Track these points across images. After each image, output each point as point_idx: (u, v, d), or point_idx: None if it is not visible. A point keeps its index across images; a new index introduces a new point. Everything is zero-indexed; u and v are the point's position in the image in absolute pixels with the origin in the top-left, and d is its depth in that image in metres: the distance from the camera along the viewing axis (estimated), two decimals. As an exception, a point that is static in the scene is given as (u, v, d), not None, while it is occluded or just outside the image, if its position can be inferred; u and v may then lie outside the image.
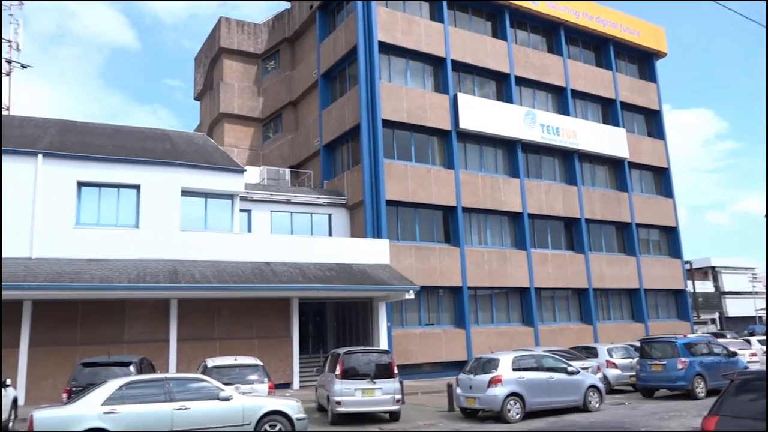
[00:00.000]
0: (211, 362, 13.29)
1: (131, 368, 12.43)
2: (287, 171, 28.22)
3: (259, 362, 13.67)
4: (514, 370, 13.84)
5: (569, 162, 30.78)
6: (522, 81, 30.10)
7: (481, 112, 27.47)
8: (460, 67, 28.23)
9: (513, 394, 13.49)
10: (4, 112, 32.53)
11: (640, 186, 34.31)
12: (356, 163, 25.46)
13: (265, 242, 20.93)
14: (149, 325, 18.88)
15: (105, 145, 20.58)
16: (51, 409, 9.80)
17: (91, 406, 9.55)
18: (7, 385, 12.94)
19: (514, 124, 28.32)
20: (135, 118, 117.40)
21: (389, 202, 24.22)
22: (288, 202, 24.40)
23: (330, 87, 28.93)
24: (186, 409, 9.95)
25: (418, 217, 25.64)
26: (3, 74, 34.29)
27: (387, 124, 25.10)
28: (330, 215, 25.32)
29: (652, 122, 36.17)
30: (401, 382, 14.15)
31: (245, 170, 21.96)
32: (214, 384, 10.59)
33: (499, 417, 13.42)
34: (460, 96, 27.07)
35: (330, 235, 24.94)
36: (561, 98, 31.68)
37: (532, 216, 28.58)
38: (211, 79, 36.29)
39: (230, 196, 21.27)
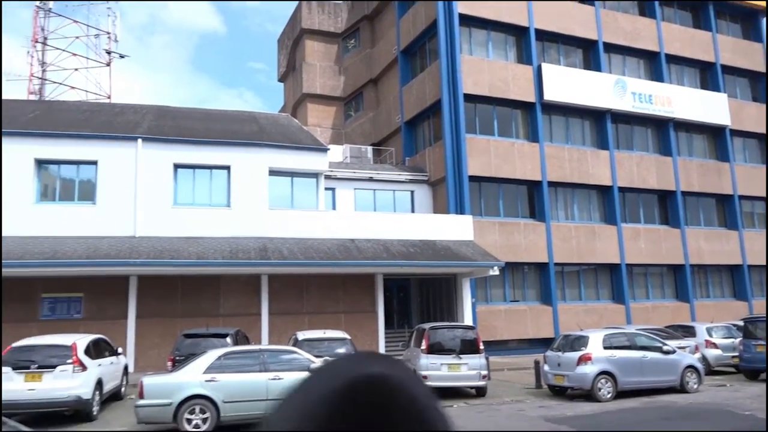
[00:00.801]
0: (301, 335, 13.77)
1: (228, 339, 13.12)
2: (369, 149, 28.46)
3: (347, 336, 14.02)
4: (605, 348, 13.44)
5: (663, 131, 29.10)
6: (611, 47, 28.62)
7: (567, 83, 26.44)
8: (544, 36, 27.22)
9: (604, 372, 13.13)
10: (105, 100, 34.78)
11: (744, 155, 31.91)
12: (438, 139, 25.29)
13: (349, 219, 21.30)
14: (242, 299, 19.80)
15: (197, 128, 21.56)
16: (158, 376, 10.55)
17: (193, 374, 10.18)
18: (119, 354, 14.03)
19: (602, 94, 27.06)
20: (222, 101, 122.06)
21: (472, 178, 23.93)
22: (371, 179, 24.64)
23: (410, 63, 28.76)
24: (280, 379, 10.40)
25: (502, 193, 25.19)
26: (104, 64, 36.47)
27: (468, 98, 24.68)
28: (412, 192, 25.35)
29: (758, 86, 33.41)
30: (487, 358, 14.10)
31: (329, 149, 22.36)
32: (305, 356, 10.99)
33: (589, 395, 13.12)
34: (545, 66, 26.14)
35: (413, 211, 25.01)
36: (654, 64, 29.88)
37: (622, 189, 27.35)
38: (294, 61, 37.00)
39: (315, 175, 21.74)
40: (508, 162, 24.79)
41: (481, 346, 14.00)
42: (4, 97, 27.86)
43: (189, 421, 9.94)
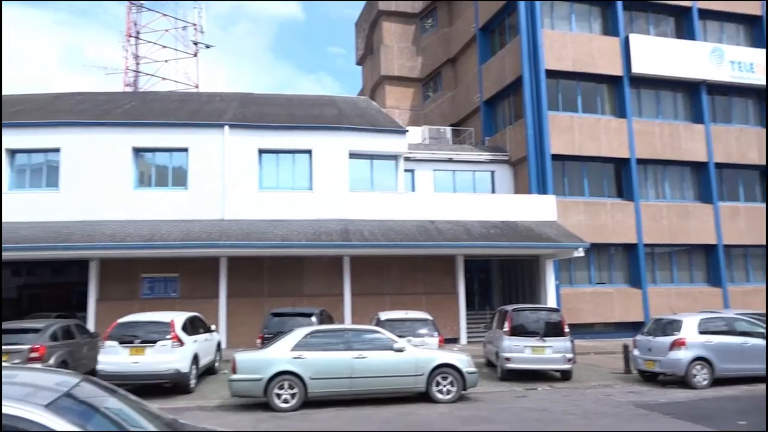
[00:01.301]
0: (383, 315, 13.97)
1: (313, 319, 13.53)
2: (448, 129, 28.21)
3: (429, 317, 14.10)
4: (700, 333, 12.77)
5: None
6: (707, 14, 26.75)
7: (657, 54, 25.00)
8: (631, 5, 25.81)
9: (699, 358, 12.49)
10: (193, 90, 36.33)
11: None
12: (518, 118, 24.68)
13: (429, 201, 21.29)
14: (325, 280, 20.30)
15: (280, 114, 22.14)
16: (249, 352, 11.05)
17: (282, 351, 10.58)
18: (213, 331, 14.81)
19: (697, 64, 25.41)
20: (302, 86, 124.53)
21: (555, 157, 23.23)
22: (450, 160, 24.46)
23: (489, 40, 28.13)
24: (364, 358, 10.63)
25: (587, 171, 24.30)
26: (191, 55, 38.02)
27: (550, 74, 23.88)
28: (492, 172, 24.96)
29: None
30: (572, 341, 13.77)
31: (407, 131, 22.36)
32: (388, 336, 11.15)
33: (682, 382, 12.55)
34: (633, 37, 24.82)
35: (493, 192, 24.64)
36: (755, 29, 27.67)
37: (719, 165, 25.68)
38: (371, 43, 37.10)
39: (394, 157, 21.82)
40: (593, 139, 23.86)
41: (566, 329, 13.68)
42: (104, 89, 29.72)
43: (278, 395, 10.36)
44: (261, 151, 20.50)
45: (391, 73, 33.26)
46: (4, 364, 10.25)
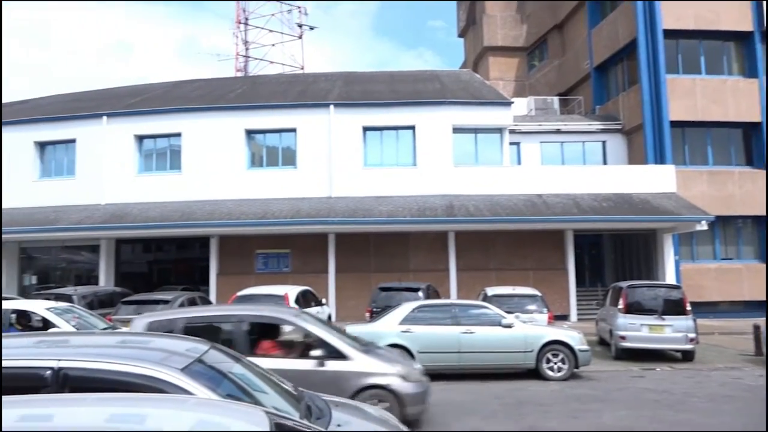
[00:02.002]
0: (490, 291, 13.82)
1: (420, 293, 13.66)
2: (555, 99, 27.10)
3: (537, 293, 13.76)
4: None
5: None
6: None
7: (795, 4, 22.41)
8: (765, -49, 23.24)
9: None
10: (299, 71, 37.39)
11: None
12: (633, 83, 23.18)
13: (536, 174, 20.65)
14: (430, 255, 20.38)
15: (383, 91, 22.28)
16: (359, 325, 11.36)
17: (390, 325, 10.79)
18: (324, 304, 15.38)
19: None
20: (403, 63, 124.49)
21: (674, 123, 21.64)
22: (558, 131, 23.53)
23: (599, 3, 26.52)
24: (471, 333, 10.59)
25: (710, 138, 22.45)
26: (297, 37, 39.03)
27: (668, 34, 22.14)
28: (604, 142, 23.73)
29: None
30: (695, 320, 12.91)
31: (512, 102, 21.73)
32: (496, 311, 11.02)
33: (825, 366, 11.41)
34: (766, -13, 22.40)
35: (605, 163, 23.46)
36: None
37: None
38: (473, 14, 36.23)
39: (499, 130, 21.32)
40: (719, 103, 21.95)
41: (688, 307, 12.84)
42: (216, 75, 31.36)
43: (388, 368, 10.58)
44: (365, 129, 20.77)
45: (495, 44, 32.35)
46: (138, 331, 11.24)
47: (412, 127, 20.69)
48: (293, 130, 20.77)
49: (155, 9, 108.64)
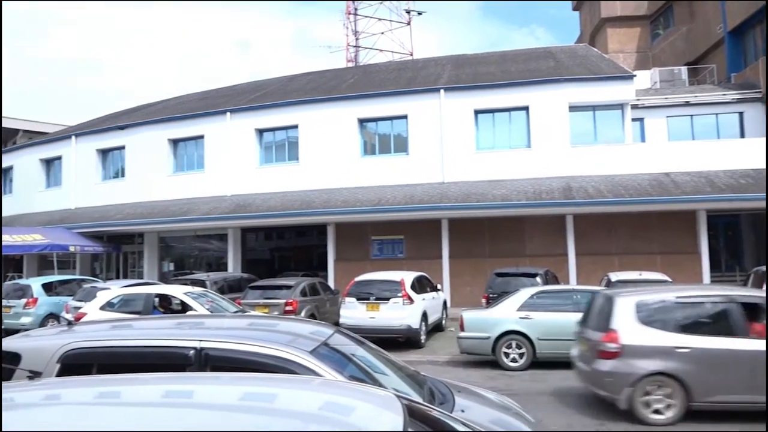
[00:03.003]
0: (614, 276, 13.14)
1: (538, 279, 13.27)
2: (683, 69, 25.05)
3: (667, 278, 12.90)
4: None
5: None
6: None
7: None
8: None
9: None
10: (408, 58, 37.48)
11: None
12: (775, 46, 20.90)
13: (662, 151, 19.26)
14: (547, 239, 19.71)
15: (494, 72, 21.77)
16: (476, 311, 11.26)
17: (508, 311, 10.59)
18: (439, 290, 15.40)
19: None
20: (514, 42, 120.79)
21: (827, 89, 19.27)
22: (686, 104, 21.76)
23: (734, -41, 24.10)
24: (595, 320, 10.11)
25: None
26: (405, 24, 39.15)
27: (820, -12, 19.69)
28: (741, 113, 21.62)
29: None
30: None
31: (634, 75, 20.37)
32: (622, 298, 10.43)
33: None
34: None
35: (742, 136, 21.38)
36: None
37: None
38: (588, -15, 34.32)
39: (620, 106, 20.09)
40: None
41: None
42: (329, 67, 32.21)
43: (506, 355, 10.42)
44: (477, 112, 20.42)
45: (613, 14, 30.47)
46: (266, 314, 11.89)
47: (526, 108, 20.04)
48: (404, 117, 20.86)
49: (269, 6, 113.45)
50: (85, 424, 1.83)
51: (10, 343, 4.00)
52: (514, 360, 10.39)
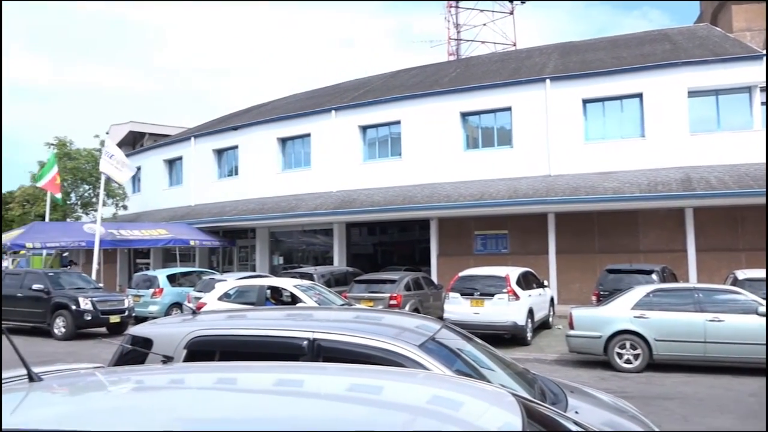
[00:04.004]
0: (742, 274, 12.10)
1: (653, 276, 12.53)
2: (823, 46, 22.53)
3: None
4: None
5: None
6: None
7: None
8: None
9: None
10: (511, 48, 36.60)
11: None
12: None
13: (798, 137, 17.46)
14: (663, 234, 18.54)
15: (603, 59, 20.75)
16: (586, 308, 10.81)
17: (621, 309, 10.07)
18: (545, 286, 14.95)
19: None
20: (623, 27, 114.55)
21: None
22: (827, 84, 19.55)
23: None
24: (720, 321, 9.41)
25: None
26: (507, 14, 38.29)
27: None
28: None
29: None
30: None
31: (765, 55, 18.61)
32: (751, 297, 9.63)
33: None
34: None
35: None
36: None
37: None
38: (710, -40, 31.77)
39: (747, 89, 18.44)
40: None
41: None
42: (430, 61, 32.10)
43: (620, 355, 9.92)
44: (585, 101, 19.56)
45: (739, -10, 28.00)
46: (370, 307, 12.11)
47: (639, 95, 18.91)
48: (508, 109, 20.40)
49: (371, 5, 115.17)
50: (204, 407, 1.93)
51: (142, 330, 4.35)
52: (628, 361, 9.87)
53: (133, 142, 37.76)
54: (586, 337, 10.20)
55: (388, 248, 26.92)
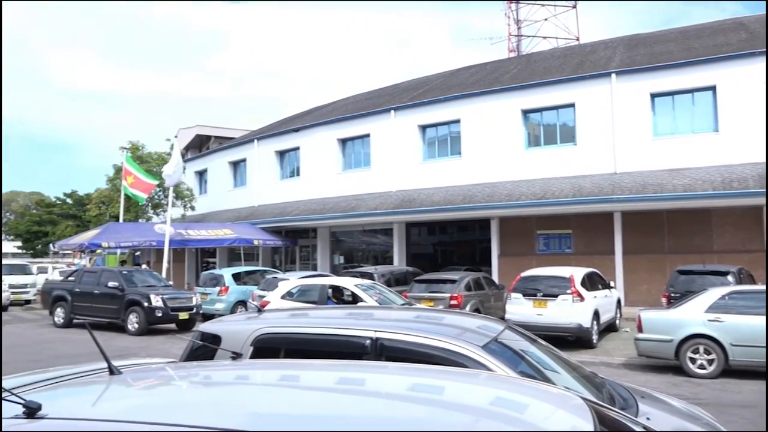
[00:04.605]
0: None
1: (729, 278, 11.93)
2: None
3: None
4: None
5: None
6: None
7: None
8: None
9: None
10: (574, 43, 35.68)
11: None
12: None
13: None
14: (740, 234, 17.60)
15: (673, 51, 19.93)
16: (656, 311, 10.41)
17: (694, 312, 9.63)
18: (612, 288, 14.50)
19: None
20: (692, 17, 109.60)
21: None
22: None
23: None
24: (803, 326, 8.84)
25: None
26: (570, 7, 37.39)
27: None
28: None
29: None
30: None
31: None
32: (839, 301, 8.99)
33: None
34: None
35: None
36: None
37: None
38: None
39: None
40: None
41: None
42: (490, 59, 31.74)
43: (693, 360, 9.49)
44: (653, 96, 18.80)
45: (822, -27, 26.29)
46: (430, 307, 12.07)
47: (712, 88, 18.02)
48: (571, 105, 19.88)
49: (425, 4, 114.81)
50: (269, 403, 1.98)
51: (211, 326, 4.50)
52: (701, 366, 9.43)
53: (200, 145, 39.11)
54: (656, 340, 9.81)
55: (448, 248, 26.79)
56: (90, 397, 2.16)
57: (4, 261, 32.03)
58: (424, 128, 23.09)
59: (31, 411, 1.73)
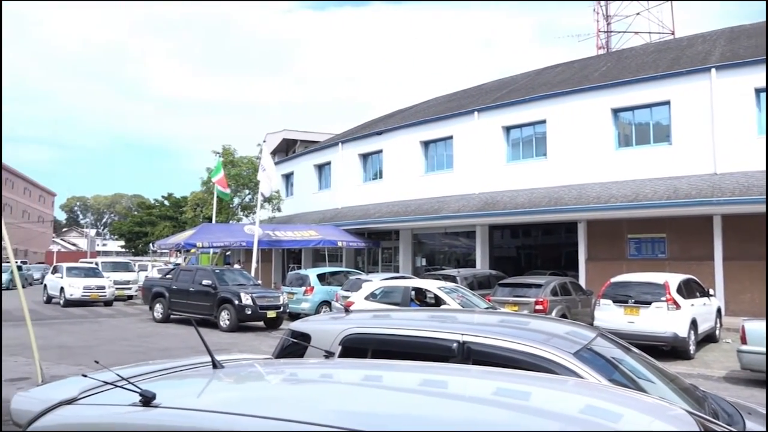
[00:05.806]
0: None
1: None
2: None
3: None
4: None
5: None
6: None
7: None
8: None
9: None
10: (669, 38, 33.90)
11: None
12: None
13: None
14: None
15: (781, 41, 18.49)
16: (761, 321, 9.67)
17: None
18: (711, 296, 13.65)
19: None
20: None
21: None
22: None
23: None
24: None
25: None
26: (663, 0, 35.61)
27: None
28: None
29: None
30: None
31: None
32: None
33: None
34: None
35: None
36: None
37: None
38: None
39: None
40: None
41: None
42: (578, 57, 30.74)
43: (804, 375, 8.77)
44: (758, 91, 17.43)
45: None
46: (515, 312, 11.85)
47: (828, 81, 16.60)
48: (666, 103, 18.90)
49: (506, 4, 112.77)
50: (358, 401, 2.02)
51: (300, 325, 4.65)
52: (814, 383, 8.69)
53: (287, 149, 40.39)
54: (761, 353, 9.15)
55: (532, 251, 26.21)
56: (196, 389, 2.31)
57: (110, 259, 34.57)
58: (508, 129, 22.70)
59: (147, 400, 1.88)
